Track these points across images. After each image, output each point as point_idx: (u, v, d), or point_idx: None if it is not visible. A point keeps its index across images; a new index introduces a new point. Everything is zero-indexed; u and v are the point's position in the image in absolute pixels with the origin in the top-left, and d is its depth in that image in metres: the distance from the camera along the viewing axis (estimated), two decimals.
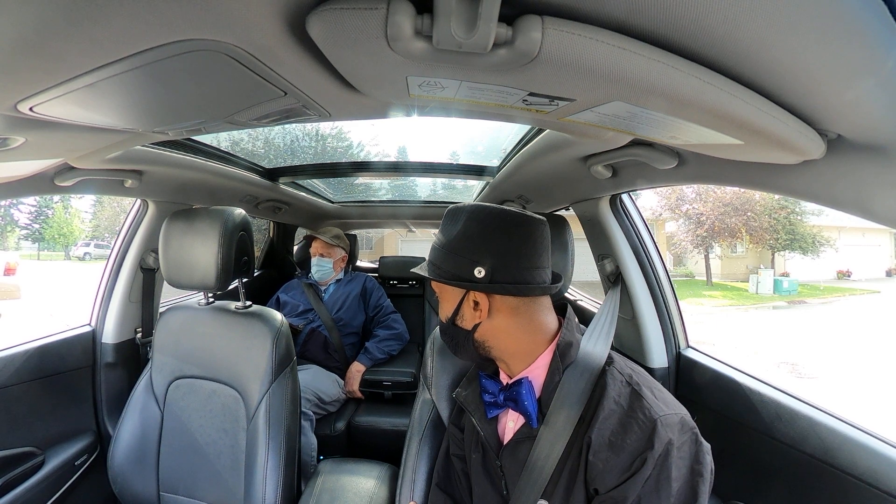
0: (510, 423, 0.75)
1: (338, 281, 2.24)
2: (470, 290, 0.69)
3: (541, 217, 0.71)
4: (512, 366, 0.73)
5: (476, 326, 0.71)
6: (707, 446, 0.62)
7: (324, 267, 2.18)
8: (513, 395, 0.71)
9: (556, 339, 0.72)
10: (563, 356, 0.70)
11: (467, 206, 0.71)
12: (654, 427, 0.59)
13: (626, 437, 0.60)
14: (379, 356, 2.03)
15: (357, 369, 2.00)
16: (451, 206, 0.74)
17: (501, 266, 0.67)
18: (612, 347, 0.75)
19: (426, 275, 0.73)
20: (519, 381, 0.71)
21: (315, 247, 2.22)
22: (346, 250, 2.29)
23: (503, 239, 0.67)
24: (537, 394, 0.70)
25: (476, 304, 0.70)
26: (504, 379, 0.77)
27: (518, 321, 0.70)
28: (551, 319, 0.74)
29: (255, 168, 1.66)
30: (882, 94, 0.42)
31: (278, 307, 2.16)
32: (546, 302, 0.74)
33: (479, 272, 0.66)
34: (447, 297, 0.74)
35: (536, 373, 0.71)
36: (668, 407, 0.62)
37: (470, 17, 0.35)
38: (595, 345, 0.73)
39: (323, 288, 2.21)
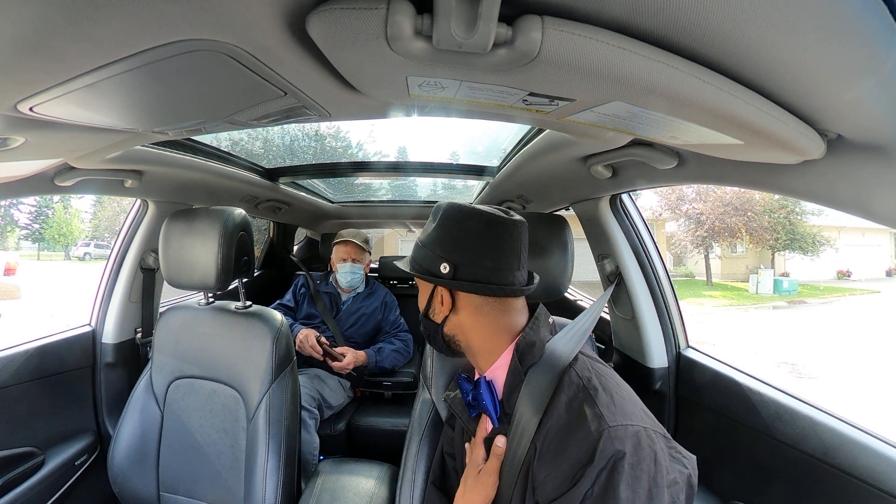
0: (487, 423, 0.75)
1: (357, 294, 2.11)
2: (435, 284, 0.71)
3: (518, 219, 0.70)
4: (480, 364, 0.74)
5: (445, 320, 0.73)
6: (673, 467, 0.54)
7: (357, 274, 2.05)
8: (476, 395, 0.72)
9: (517, 338, 0.70)
10: (523, 356, 0.68)
11: (445, 204, 0.73)
12: (599, 438, 0.53)
13: (568, 446, 0.56)
14: (385, 366, 1.97)
15: (361, 357, 1.89)
16: (437, 203, 0.76)
17: (465, 264, 0.67)
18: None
19: (407, 269, 0.75)
20: (478, 381, 0.72)
21: (347, 251, 2.05)
22: (371, 255, 2.18)
23: (471, 238, 0.68)
24: (500, 395, 0.70)
25: (443, 298, 0.72)
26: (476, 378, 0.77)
27: (481, 320, 0.70)
28: (521, 320, 0.72)
29: (255, 168, 1.66)
30: (882, 94, 0.42)
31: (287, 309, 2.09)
32: (517, 304, 0.72)
33: (444, 268, 0.68)
34: (422, 290, 0.76)
35: (498, 373, 0.71)
36: (624, 417, 0.56)
37: (470, 17, 0.35)
38: (565, 344, 0.70)
39: (343, 297, 2.09)
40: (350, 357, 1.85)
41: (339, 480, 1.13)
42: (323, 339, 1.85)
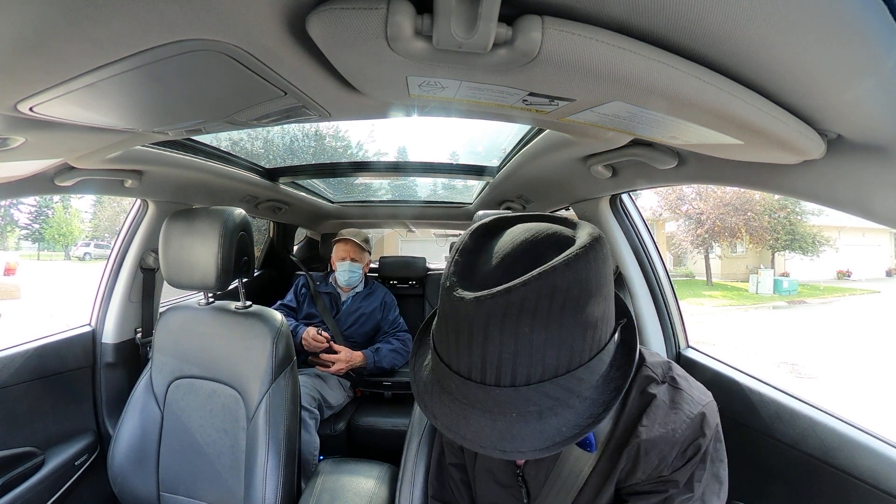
0: None
1: (356, 294, 2.12)
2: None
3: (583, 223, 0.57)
4: None
5: None
6: None
7: (355, 273, 2.07)
8: None
9: None
10: None
11: (517, 298, 0.43)
12: (702, 417, 0.60)
13: (677, 430, 0.59)
14: (384, 366, 1.97)
15: (357, 358, 1.89)
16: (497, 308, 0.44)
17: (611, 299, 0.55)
18: None
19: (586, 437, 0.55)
20: None
21: (346, 250, 2.07)
22: (370, 255, 2.20)
23: (599, 280, 0.49)
24: None
25: None
26: None
27: None
28: None
29: (255, 168, 1.66)
30: (882, 94, 0.42)
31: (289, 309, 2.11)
32: None
33: (616, 337, 0.54)
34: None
35: None
36: (704, 394, 0.63)
37: (470, 17, 0.35)
38: None
39: (343, 297, 2.11)
40: (343, 357, 1.86)
41: (339, 480, 1.13)
42: (324, 333, 1.87)
